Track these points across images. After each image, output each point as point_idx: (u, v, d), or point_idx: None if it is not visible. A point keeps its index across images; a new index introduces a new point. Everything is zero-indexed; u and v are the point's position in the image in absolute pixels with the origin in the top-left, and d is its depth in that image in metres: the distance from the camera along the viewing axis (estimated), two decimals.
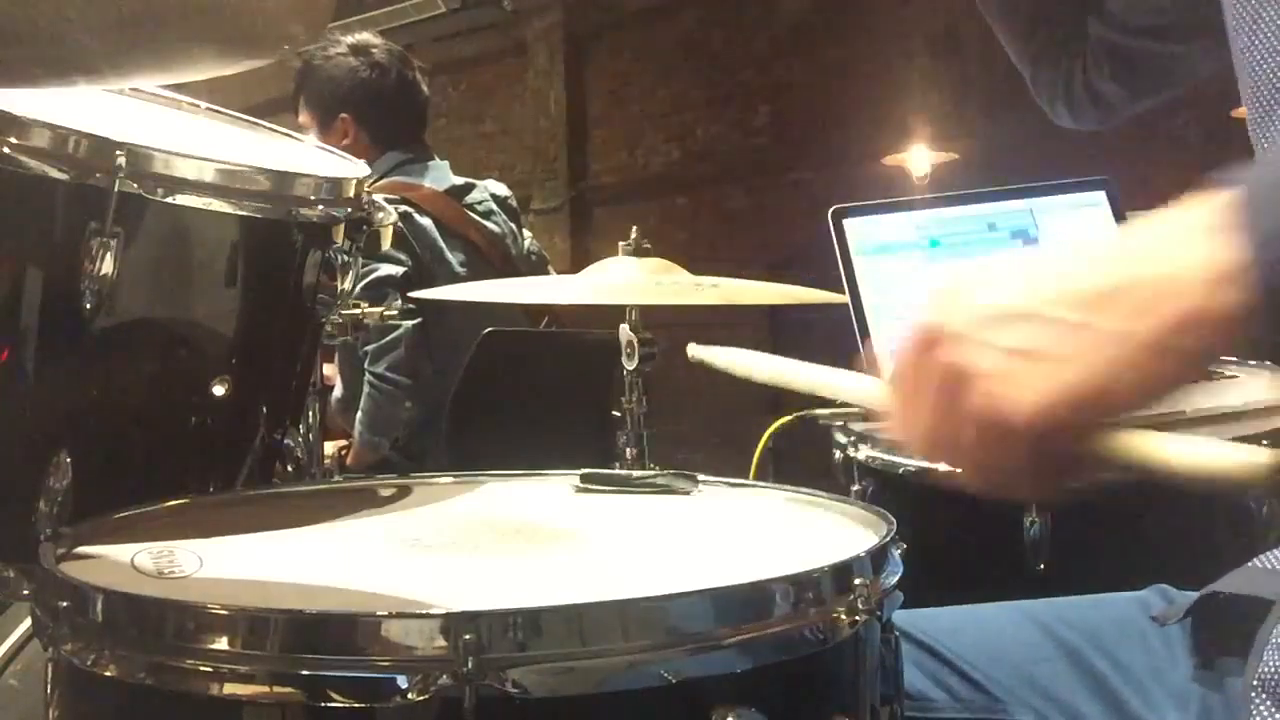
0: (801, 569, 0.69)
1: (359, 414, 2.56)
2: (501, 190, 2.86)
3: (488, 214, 2.77)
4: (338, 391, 2.69)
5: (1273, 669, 0.67)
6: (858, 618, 0.67)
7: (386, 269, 2.49)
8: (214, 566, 0.76)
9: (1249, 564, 0.82)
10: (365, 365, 2.54)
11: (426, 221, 2.63)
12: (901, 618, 0.92)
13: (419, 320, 2.54)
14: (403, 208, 2.54)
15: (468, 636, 0.57)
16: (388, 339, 2.51)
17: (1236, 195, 0.48)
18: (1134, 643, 0.90)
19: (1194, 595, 0.92)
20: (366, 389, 2.54)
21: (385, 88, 2.71)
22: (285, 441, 1.23)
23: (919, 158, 6.24)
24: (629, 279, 1.51)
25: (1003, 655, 0.91)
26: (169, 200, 1.02)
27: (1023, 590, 0.99)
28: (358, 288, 2.33)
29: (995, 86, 6.05)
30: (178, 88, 1.31)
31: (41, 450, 1.01)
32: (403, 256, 2.53)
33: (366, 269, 2.43)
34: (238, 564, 0.78)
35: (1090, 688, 0.88)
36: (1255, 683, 0.68)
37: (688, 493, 1.02)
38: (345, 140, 2.66)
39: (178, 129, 1.27)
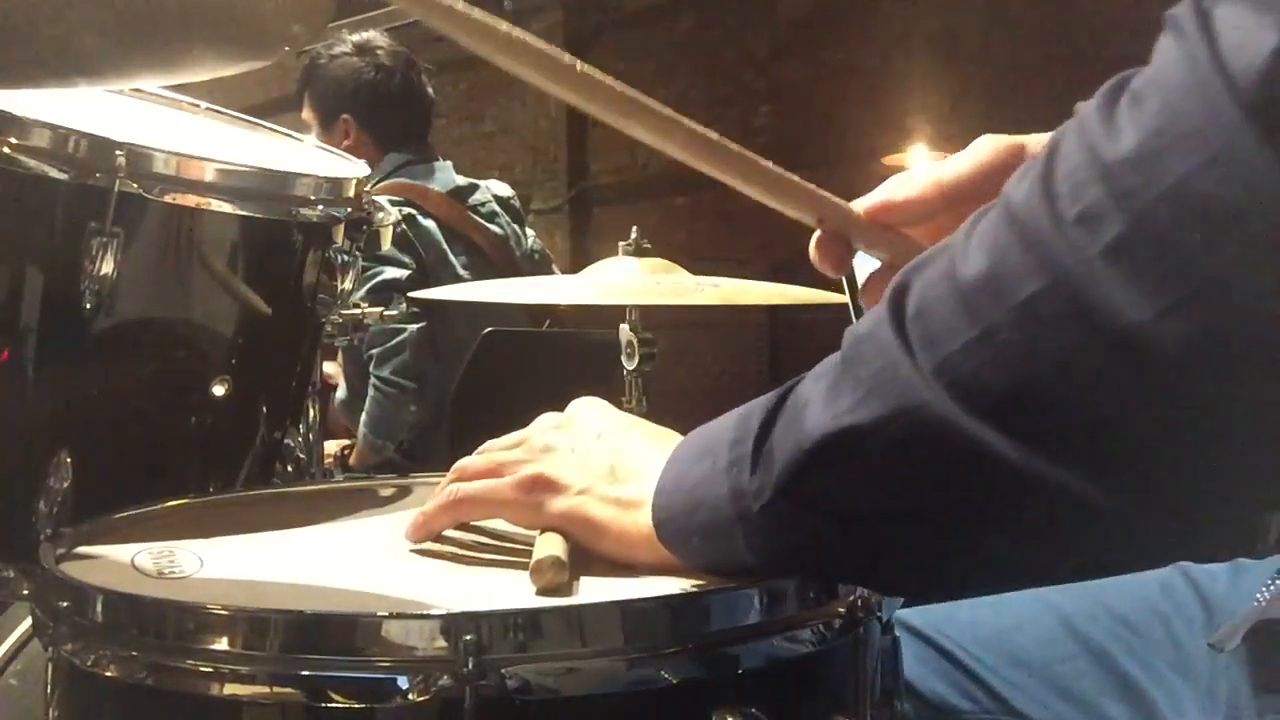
0: None
1: (363, 416, 2.56)
2: (505, 191, 2.85)
3: (491, 216, 2.76)
4: (341, 392, 2.69)
5: None
6: (857, 618, 0.68)
7: (391, 272, 2.49)
8: (214, 566, 0.76)
9: None
10: (370, 368, 2.53)
11: (430, 224, 2.62)
12: (918, 617, 0.92)
13: (423, 324, 2.53)
14: (407, 210, 2.54)
15: (468, 637, 0.57)
16: (393, 343, 2.51)
17: (657, 487, 0.70)
18: (1159, 633, 0.89)
19: (1220, 571, 0.91)
20: (371, 392, 2.54)
21: (388, 90, 2.70)
22: (285, 441, 1.23)
23: (919, 158, 6.24)
24: (629, 279, 1.51)
25: (1024, 656, 0.91)
26: (169, 200, 1.02)
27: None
28: (362, 291, 2.34)
29: (995, 86, 6.05)
30: (178, 88, 1.31)
31: (41, 450, 1.01)
32: (407, 260, 2.53)
33: (371, 272, 2.43)
34: (238, 564, 0.78)
35: (1114, 688, 0.87)
36: None
37: None
38: (346, 141, 2.66)
39: (178, 129, 1.27)
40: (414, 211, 2.59)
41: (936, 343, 0.56)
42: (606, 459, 0.75)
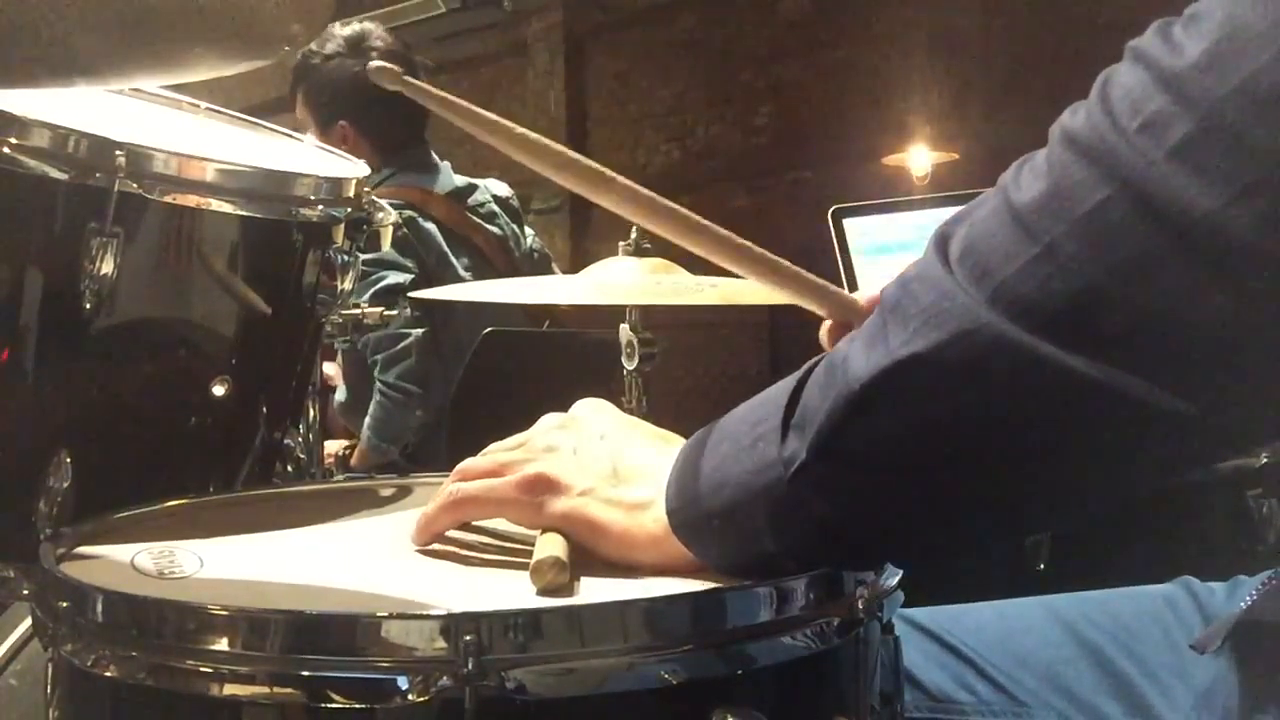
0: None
1: (367, 419, 2.55)
2: (503, 190, 2.84)
3: (490, 216, 2.75)
4: (340, 394, 2.69)
5: None
6: (858, 619, 0.67)
7: (394, 277, 2.48)
8: (214, 566, 0.76)
9: None
10: (375, 374, 2.52)
11: (431, 227, 2.61)
12: (925, 616, 0.92)
13: (427, 328, 2.53)
14: (407, 213, 2.52)
15: (468, 637, 0.57)
16: (398, 348, 2.50)
17: (671, 476, 0.70)
18: (1158, 640, 0.90)
19: (1219, 589, 0.92)
20: (376, 396, 2.53)
21: (385, 92, 2.66)
22: (285, 441, 1.23)
23: (919, 158, 6.24)
24: (629, 279, 1.51)
25: (1026, 656, 0.91)
26: (169, 200, 1.02)
27: (1023, 590, 1.00)
28: (365, 296, 2.33)
29: (995, 86, 6.05)
30: (178, 88, 1.31)
31: (41, 450, 1.01)
32: (409, 264, 2.52)
33: (374, 277, 2.41)
34: (238, 564, 0.78)
35: (1113, 688, 0.88)
36: None
37: None
38: (344, 146, 2.64)
39: (178, 129, 1.27)
40: (415, 214, 2.57)
41: (991, 272, 0.56)
42: (609, 460, 0.75)
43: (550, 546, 0.71)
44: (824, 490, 0.62)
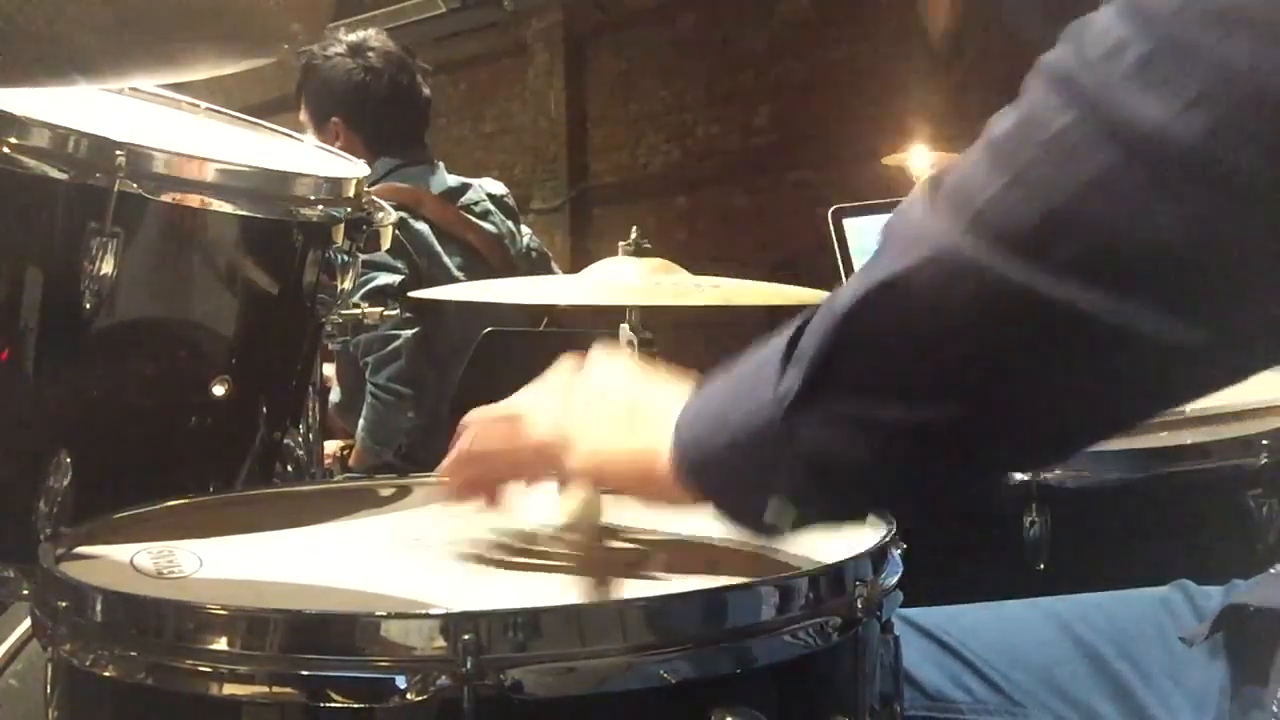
0: (801, 569, 0.69)
1: (361, 421, 2.54)
2: (498, 189, 2.84)
3: (484, 215, 2.75)
4: (335, 396, 2.68)
5: None
6: (857, 618, 0.67)
7: (384, 278, 2.47)
8: (214, 566, 0.76)
9: (1273, 570, 0.82)
10: (366, 375, 2.52)
11: (422, 227, 2.61)
12: (923, 616, 0.92)
13: (418, 329, 2.52)
14: (399, 213, 2.51)
15: (467, 637, 0.57)
16: (388, 349, 2.49)
17: (679, 420, 0.71)
18: (1154, 642, 0.90)
19: (1215, 592, 0.92)
20: (368, 398, 2.52)
21: (377, 92, 2.66)
22: (285, 441, 1.23)
23: (919, 158, 6.24)
24: (629, 279, 1.51)
25: (1023, 656, 0.91)
26: (169, 200, 1.02)
27: (1023, 590, 1.00)
28: (355, 297, 2.32)
29: (995, 86, 6.06)
30: (178, 87, 1.31)
31: (41, 450, 1.01)
32: (399, 264, 2.51)
33: (364, 278, 2.41)
34: (238, 564, 0.78)
35: (1108, 689, 0.88)
36: (1275, 709, 0.69)
37: None
38: (337, 143, 2.63)
39: (178, 129, 1.27)
40: (406, 215, 2.56)
41: (968, 202, 0.57)
42: (624, 408, 0.76)
43: (578, 495, 0.74)
44: (814, 422, 0.62)
